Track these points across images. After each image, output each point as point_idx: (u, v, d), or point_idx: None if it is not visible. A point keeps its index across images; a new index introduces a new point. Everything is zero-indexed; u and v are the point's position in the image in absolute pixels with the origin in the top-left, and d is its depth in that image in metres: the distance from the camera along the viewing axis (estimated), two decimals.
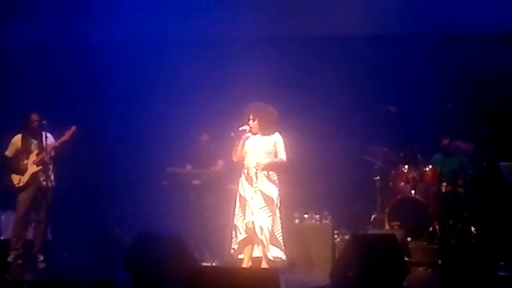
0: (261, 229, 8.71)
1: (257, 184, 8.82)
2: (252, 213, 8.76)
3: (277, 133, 8.96)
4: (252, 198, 8.79)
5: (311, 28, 11.69)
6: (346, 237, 9.81)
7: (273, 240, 8.78)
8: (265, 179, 8.85)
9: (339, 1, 11.56)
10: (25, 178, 10.06)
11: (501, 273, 8.84)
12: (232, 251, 8.91)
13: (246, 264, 8.78)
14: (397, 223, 10.54)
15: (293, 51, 11.87)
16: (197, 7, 11.66)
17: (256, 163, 8.84)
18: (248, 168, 8.91)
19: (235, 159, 8.99)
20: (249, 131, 8.92)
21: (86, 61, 11.83)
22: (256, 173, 8.85)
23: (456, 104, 11.06)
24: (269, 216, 8.76)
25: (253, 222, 8.72)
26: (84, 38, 11.85)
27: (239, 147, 8.89)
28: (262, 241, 8.72)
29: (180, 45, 11.88)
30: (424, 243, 10.44)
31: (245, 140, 8.91)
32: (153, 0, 11.78)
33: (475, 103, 11.45)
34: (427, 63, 11.69)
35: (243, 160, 8.95)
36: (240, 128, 8.88)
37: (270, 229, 8.73)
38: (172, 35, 11.83)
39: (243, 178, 8.92)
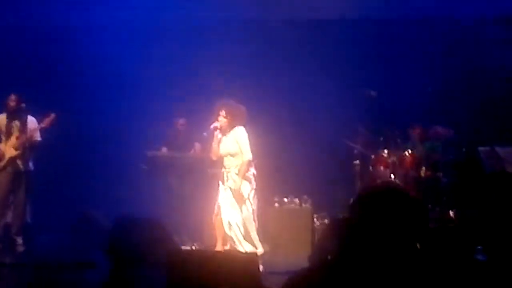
0: (229, 225, 8.65)
1: (227, 183, 8.75)
2: (215, 210, 8.75)
3: (238, 128, 8.77)
4: (221, 195, 8.76)
5: (291, 12, 11.66)
6: (326, 221, 9.83)
7: (246, 237, 8.70)
8: (236, 176, 8.74)
9: None
10: (3, 162, 10.01)
11: (480, 257, 8.87)
12: None
13: (218, 244, 8.82)
14: None
15: (273, 34, 11.81)
16: None
17: (227, 168, 8.78)
18: (224, 167, 8.85)
19: (214, 158, 8.91)
20: (219, 128, 8.79)
21: (65, 46, 11.79)
22: (227, 173, 8.78)
23: (436, 88, 11.10)
24: (237, 212, 8.68)
25: (221, 218, 8.70)
26: (64, 22, 11.80)
27: (215, 146, 8.79)
28: (231, 237, 8.66)
29: (158, 30, 11.87)
30: None
31: (219, 140, 8.79)
32: None
33: (455, 88, 11.49)
34: (407, 47, 11.70)
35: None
36: (212, 126, 8.76)
37: (240, 225, 8.66)
38: (151, 19, 11.77)
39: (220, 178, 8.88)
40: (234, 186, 8.67)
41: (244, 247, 8.62)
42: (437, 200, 10.82)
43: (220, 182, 8.81)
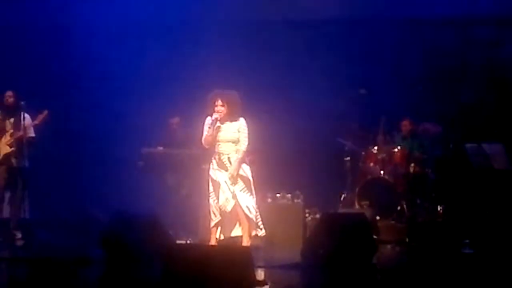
0: (248, 208, 8.68)
1: (229, 169, 8.76)
2: (228, 198, 8.70)
3: (241, 119, 8.80)
4: (227, 182, 8.74)
5: (283, 13, 11.67)
6: (317, 216, 9.84)
7: (258, 218, 8.82)
8: (237, 161, 8.78)
9: None
10: None
11: (466, 251, 8.93)
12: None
13: (212, 238, 8.79)
14: (367, 202, 10.60)
15: (266, 36, 11.85)
16: None
17: (227, 153, 8.81)
18: (219, 154, 8.84)
19: (206, 146, 8.89)
20: (219, 118, 8.81)
21: (62, 45, 11.76)
22: (228, 158, 8.81)
23: (425, 87, 11.14)
24: (250, 195, 8.75)
25: (235, 205, 8.71)
26: (61, 21, 11.77)
27: (211, 136, 8.78)
28: (251, 219, 8.71)
29: (154, 29, 11.88)
30: (392, 221, 10.52)
31: (217, 129, 8.80)
32: None
33: (443, 86, 11.54)
34: (397, 47, 11.74)
35: (214, 147, 8.89)
36: (213, 117, 8.76)
37: (255, 207, 8.76)
38: (146, 19, 11.78)
39: (214, 163, 8.81)
40: (235, 171, 8.71)
41: (261, 228, 8.77)
42: (426, 195, 10.89)
43: (218, 171, 8.82)
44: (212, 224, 8.80)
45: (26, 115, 9.93)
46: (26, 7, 11.55)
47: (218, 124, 8.74)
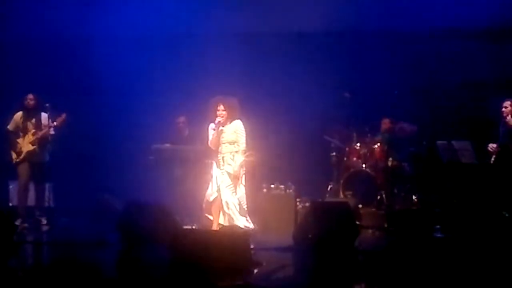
0: (227, 204, 8.80)
1: (223, 167, 8.90)
2: (216, 190, 8.88)
3: (238, 121, 8.94)
4: (218, 178, 8.89)
5: (278, 26, 11.71)
6: (307, 204, 9.89)
7: (241, 212, 8.90)
8: (231, 161, 8.92)
9: (304, 2, 11.59)
10: (21, 156, 10.04)
11: (438, 235, 9.02)
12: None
13: (214, 224, 8.92)
14: (350, 192, 10.69)
15: (262, 46, 11.88)
16: (178, 5, 11.63)
17: (223, 153, 8.94)
18: (218, 153, 8.99)
19: (214, 148, 9.05)
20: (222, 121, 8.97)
21: (82, 54, 11.79)
22: (223, 157, 8.95)
23: (402, 91, 11.23)
24: (233, 192, 8.86)
25: (217, 198, 8.86)
26: (80, 33, 11.80)
27: (216, 137, 8.94)
28: (229, 214, 8.81)
29: (163, 41, 11.95)
30: (373, 209, 10.58)
31: (221, 132, 8.95)
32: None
33: (418, 91, 11.64)
34: (378, 56, 11.76)
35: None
36: (217, 121, 8.93)
37: (236, 203, 8.85)
38: (156, 31, 11.83)
39: (215, 162, 9.04)
40: (230, 170, 8.86)
41: (240, 222, 8.80)
42: (402, 186, 10.97)
43: (215, 166, 8.98)
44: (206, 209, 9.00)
45: (45, 115, 10.01)
46: (48, 21, 11.60)
47: (220, 127, 8.90)
